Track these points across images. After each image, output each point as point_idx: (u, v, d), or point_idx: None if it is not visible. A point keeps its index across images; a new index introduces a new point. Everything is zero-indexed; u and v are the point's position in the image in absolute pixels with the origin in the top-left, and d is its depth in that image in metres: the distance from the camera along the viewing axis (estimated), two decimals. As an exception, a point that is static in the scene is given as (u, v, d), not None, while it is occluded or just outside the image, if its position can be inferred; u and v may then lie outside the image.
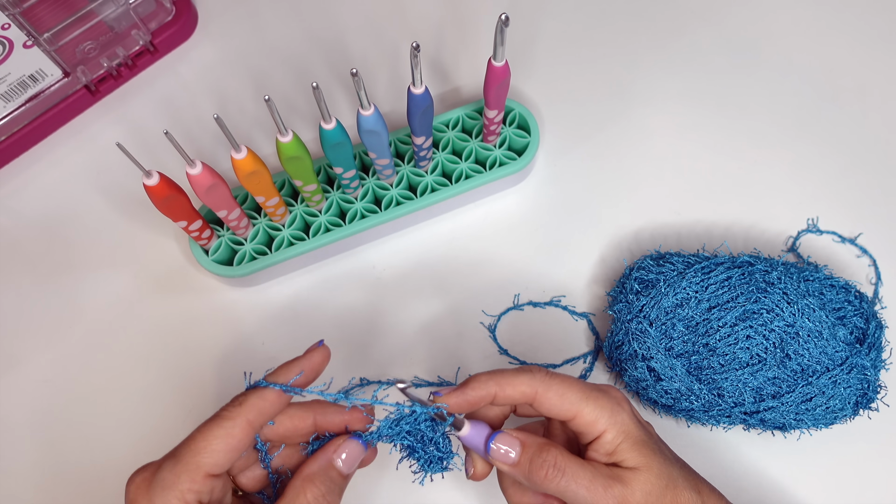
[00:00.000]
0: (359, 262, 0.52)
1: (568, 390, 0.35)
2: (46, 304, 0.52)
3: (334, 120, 0.42)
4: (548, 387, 0.35)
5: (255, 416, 0.33)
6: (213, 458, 0.32)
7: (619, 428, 0.35)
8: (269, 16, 0.62)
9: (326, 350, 0.37)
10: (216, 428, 0.32)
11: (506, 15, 0.37)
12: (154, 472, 0.32)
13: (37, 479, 0.47)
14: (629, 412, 0.36)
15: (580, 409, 0.35)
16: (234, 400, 0.34)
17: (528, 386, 0.35)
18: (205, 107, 0.58)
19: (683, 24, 0.60)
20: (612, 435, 0.35)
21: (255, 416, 0.33)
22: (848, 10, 0.60)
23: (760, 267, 0.44)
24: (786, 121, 0.56)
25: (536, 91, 0.57)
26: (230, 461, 0.33)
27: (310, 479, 0.34)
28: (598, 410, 0.35)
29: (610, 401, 0.35)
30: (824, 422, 0.43)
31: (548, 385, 0.35)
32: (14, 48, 0.51)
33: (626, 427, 0.35)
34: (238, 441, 0.33)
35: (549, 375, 0.35)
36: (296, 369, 0.36)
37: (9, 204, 0.55)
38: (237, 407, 0.33)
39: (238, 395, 0.35)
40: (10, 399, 0.49)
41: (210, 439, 0.32)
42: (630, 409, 0.36)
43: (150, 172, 0.40)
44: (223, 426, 0.32)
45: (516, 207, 0.54)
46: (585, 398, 0.35)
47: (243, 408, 0.33)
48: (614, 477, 0.34)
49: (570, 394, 0.35)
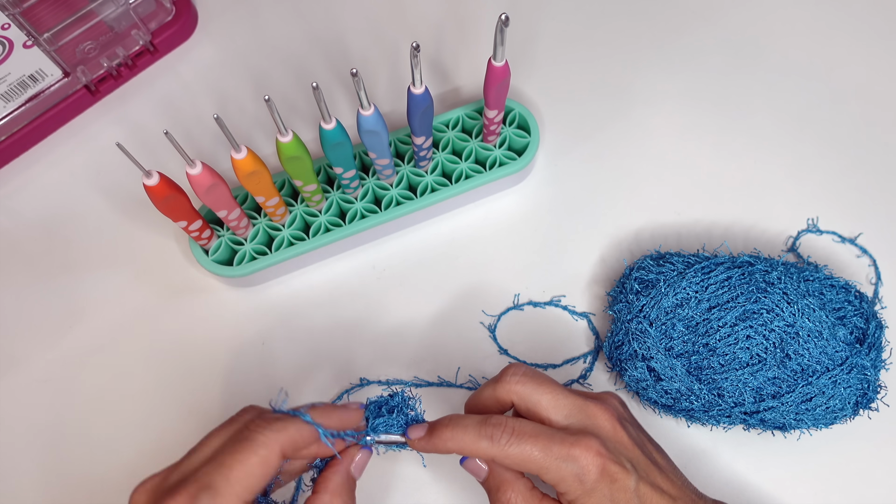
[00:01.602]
0: (359, 262, 0.52)
1: (526, 461, 0.35)
2: (46, 304, 0.52)
3: (334, 120, 0.42)
4: (505, 456, 0.35)
5: (290, 448, 0.33)
6: (250, 488, 0.31)
7: (579, 494, 0.35)
8: (269, 16, 0.62)
9: (361, 413, 0.37)
10: (253, 455, 0.32)
11: (506, 15, 0.37)
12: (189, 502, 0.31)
13: (36, 479, 0.47)
14: (595, 479, 0.34)
15: (541, 474, 0.35)
16: (271, 423, 0.33)
17: (485, 453, 0.35)
18: (205, 107, 0.58)
19: (683, 24, 0.60)
20: (571, 498, 0.35)
21: (290, 448, 0.33)
22: (848, 10, 0.60)
23: (760, 267, 0.44)
24: (786, 121, 0.56)
25: (536, 91, 0.57)
26: (262, 488, 0.32)
27: (337, 493, 0.35)
28: (558, 478, 0.35)
29: (573, 468, 0.34)
30: (824, 422, 0.43)
31: (505, 454, 0.35)
32: (14, 48, 0.51)
33: (586, 494, 0.35)
34: (273, 470, 0.32)
35: (508, 444, 0.35)
36: (335, 416, 0.36)
37: (9, 204, 0.55)
38: (276, 433, 0.32)
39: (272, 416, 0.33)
40: (10, 399, 0.49)
41: (248, 468, 0.31)
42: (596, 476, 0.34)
43: (150, 172, 0.40)
44: (259, 454, 0.32)
45: (516, 207, 0.54)
46: (546, 468, 0.34)
47: (282, 436, 0.32)
48: None
49: (527, 464, 0.35)
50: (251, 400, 0.49)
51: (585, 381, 0.48)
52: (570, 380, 0.49)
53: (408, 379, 0.49)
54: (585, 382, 0.48)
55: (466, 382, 0.49)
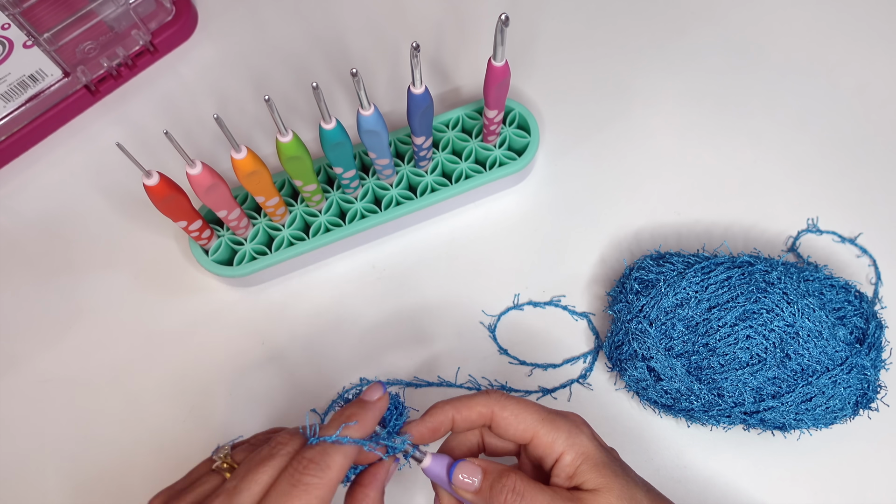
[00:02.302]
0: (359, 262, 0.52)
1: (523, 411, 0.35)
2: (46, 304, 0.52)
3: (334, 120, 0.42)
4: (503, 406, 0.35)
5: (342, 477, 0.33)
6: None
7: (577, 449, 0.35)
8: (269, 16, 0.62)
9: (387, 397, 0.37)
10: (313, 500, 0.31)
11: (506, 15, 0.37)
12: None
13: (36, 479, 0.47)
14: (588, 434, 0.36)
15: (536, 431, 0.35)
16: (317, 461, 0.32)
17: (485, 406, 0.35)
18: (205, 107, 0.58)
19: (683, 24, 0.60)
20: (570, 457, 0.35)
21: (342, 477, 0.33)
22: (848, 10, 0.60)
23: (760, 267, 0.44)
24: (786, 121, 0.56)
25: (536, 91, 0.57)
26: None
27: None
28: (554, 432, 0.35)
29: (567, 423, 0.35)
30: (824, 422, 0.43)
31: (503, 405, 0.35)
32: (14, 48, 0.51)
33: (584, 448, 0.35)
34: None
35: (505, 397, 0.36)
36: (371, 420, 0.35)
37: (9, 204, 0.55)
38: (326, 471, 0.32)
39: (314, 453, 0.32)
40: (10, 399, 0.49)
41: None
42: (590, 432, 0.36)
43: (150, 172, 0.40)
44: (317, 495, 0.31)
45: (516, 207, 0.54)
46: (542, 420, 0.35)
47: (333, 472, 0.32)
48: (574, 500, 0.34)
49: (525, 414, 0.35)
50: (251, 399, 0.49)
51: (585, 381, 0.49)
52: (570, 380, 0.49)
53: (408, 379, 0.49)
54: (585, 382, 0.48)
55: (466, 382, 0.49)
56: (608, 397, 0.48)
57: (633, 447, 0.46)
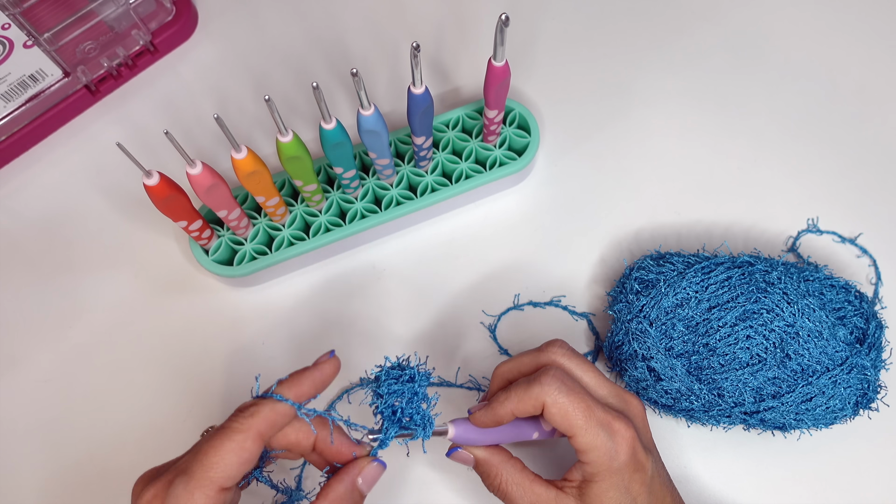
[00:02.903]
0: (359, 262, 0.52)
1: (573, 412, 0.35)
2: (46, 304, 0.52)
3: (334, 120, 0.42)
4: (554, 401, 0.35)
5: (266, 429, 0.34)
6: (225, 472, 0.32)
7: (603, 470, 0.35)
8: (269, 16, 0.62)
9: (337, 361, 0.38)
10: (227, 441, 0.32)
11: (506, 15, 0.37)
12: (165, 487, 0.32)
13: (36, 479, 0.47)
14: (624, 461, 0.35)
15: (576, 434, 0.35)
16: (243, 410, 0.34)
17: (537, 399, 0.36)
18: (205, 107, 0.58)
19: (683, 24, 0.60)
20: (592, 470, 0.35)
21: (266, 429, 0.34)
22: (848, 10, 0.60)
23: (760, 267, 0.44)
24: (786, 121, 0.56)
25: (536, 91, 0.57)
26: (242, 473, 0.33)
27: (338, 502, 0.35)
28: (591, 445, 0.35)
29: (608, 442, 0.35)
30: (824, 422, 0.43)
31: (554, 400, 0.35)
32: (14, 48, 0.51)
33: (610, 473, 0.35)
34: (250, 454, 0.33)
35: (559, 390, 0.35)
36: (307, 382, 0.36)
37: (9, 204, 0.55)
38: (248, 418, 0.33)
39: (247, 403, 0.34)
40: (10, 399, 0.49)
41: (222, 453, 0.32)
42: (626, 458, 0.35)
43: (150, 172, 0.40)
44: (234, 439, 0.33)
45: (516, 207, 0.54)
46: (586, 428, 0.35)
47: (255, 419, 0.33)
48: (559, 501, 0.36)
49: (572, 416, 0.35)
50: (251, 400, 0.49)
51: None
52: (570, 380, 0.49)
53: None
54: (585, 382, 0.48)
55: (466, 382, 0.49)
56: (608, 397, 0.48)
57: (633, 447, 0.46)
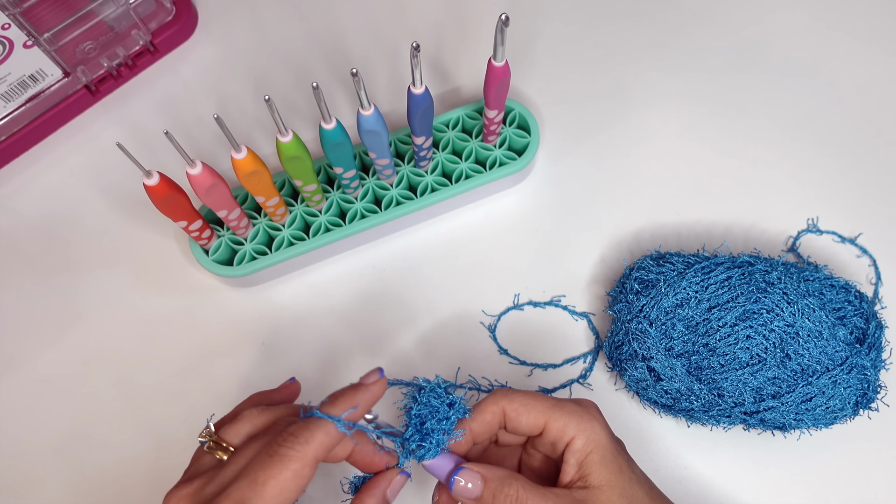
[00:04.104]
0: (359, 262, 0.52)
1: (532, 400, 0.36)
2: (46, 304, 0.52)
3: (334, 120, 0.42)
4: (510, 399, 0.35)
5: (322, 454, 0.33)
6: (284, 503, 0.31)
7: (588, 435, 0.35)
8: (269, 16, 0.62)
9: (385, 382, 0.36)
10: (286, 471, 0.31)
11: (506, 15, 0.37)
12: None
13: (36, 479, 0.47)
14: (601, 422, 0.36)
15: (548, 417, 0.35)
16: (297, 434, 0.32)
17: (494, 405, 0.35)
18: (205, 107, 0.58)
19: (683, 24, 0.60)
20: (581, 441, 0.35)
21: (322, 454, 0.33)
22: (848, 10, 0.60)
23: (760, 267, 0.44)
24: (786, 121, 0.56)
25: (536, 91, 0.57)
26: (297, 498, 0.32)
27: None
28: (566, 417, 0.35)
29: (578, 408, 0.36)
30: (824, 422, 0.43)
31: (510, 398, 0.35)
32: (14, 48, 0.51)
33: (595, 435, 0.35)
34: (307, 480, 0.32)
35: (510, 391, 0.36)
36: (357, 402, 0.35)
37: (9, 204, 0.55)
38: (304, 445, 0.32)
39: (298, 427, 0.33)
40: (11, 399, 0.49)
41: (282, 483, 0.31)
42: (601, 419, 0.36)
43: (150, 172, 0.40)
44: (291, 468, 0.31)
45: (516, 207, 0.54)
46: (552, 406, 0.35)
47: (311, 447, 0.32)
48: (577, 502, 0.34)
49: (534, 403, 0.35)
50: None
51: (585, 381, 0.49)
52: (571, 379, 0.49)
53: (408, 378, 0.49)
54: (585, 382, 0.48)
55: (466, 382, 0.49)
56: (608, 397, 0.48)
57: (633, 447, 0.46)
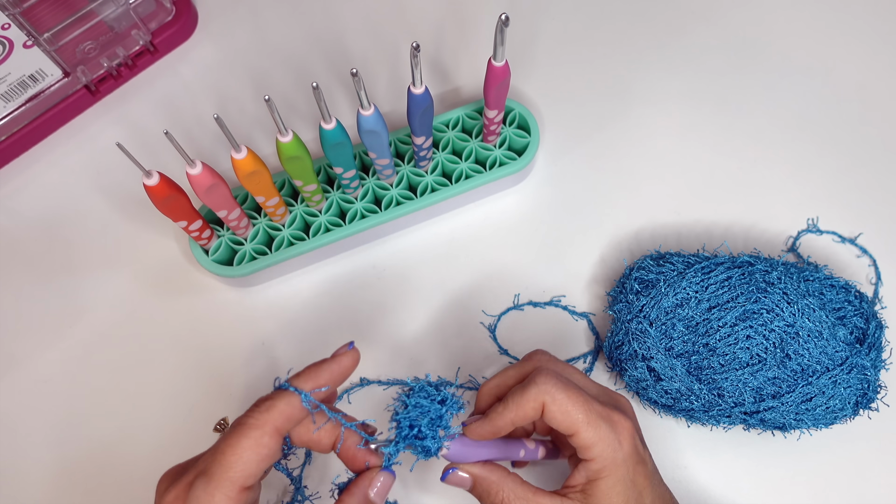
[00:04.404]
0: (359, 262, 0.52)
1: (572, 408, 0.35)
2: (46, 304, 0.52)
3: (334, 120, 0.42)
4: (553, 399, 0.35)
5: (284, 423, 0.33)
6: (245, 471, 0.31)
7: (608, 462, 0.35)
8: (269, 16, 0.62)
9: (356, 353, 0.37)
10: (244, 439, 0.32)
11: (506, 15, 0.37)
12: (186, 488, 0.32)
13: (36, 479, 0.47)
14: (627, 452, 0.35)
15: (579, 430, 0.35)
16: (259, 404, 0.33)
17: (536, 401, 0.35)
18: (205, 107, 0.58)
19: (683, 24, 0.60)
20: (598, 465, 0.35)
21: (284, 423, 0.33)
22: (848, 10, 0.60)
23: (760, 267, 0.44)
24: (786, 121, 0.56)
25: (536, 91, 0.57)
26: (262, 470, 0.32)
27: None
28: (595, 438, 0.35)
29: (611, 434, 0.35)
30: (824, 422, 0.43)
31: (553, 397, 0.35)
32: (14, 48, 0.51)
33: (615, 465, 0.35)
34: (268, 450, 0.32)
35: (556, 387, 0.35)
36: (324, 374, 0.35)
37: (9, 204, 0.55)
38: (264, 413, 0.32)
39: (263, 398, 0.34)
40: (11, 399, 0.49)
41: (240, 452, 0.31)
42: (629, 450, 0.35)
43: (150, 172, 0.40)
44: (251, 436, 0.32)
45: (516, 207, 0.54)
46: (587, 422, 0.35)
47: (271, 414, 0.32)
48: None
49: (572, 411, 0.35)
50: (250, 399, 0.49)
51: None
52: (570, 380, 0.49)
53: (408, 379, 0.49)
54: (585, 382, 0.49)
55: (466, 382, 0.49)
56: (608, 397, 0.48)
57: (633, 447, 0.46)
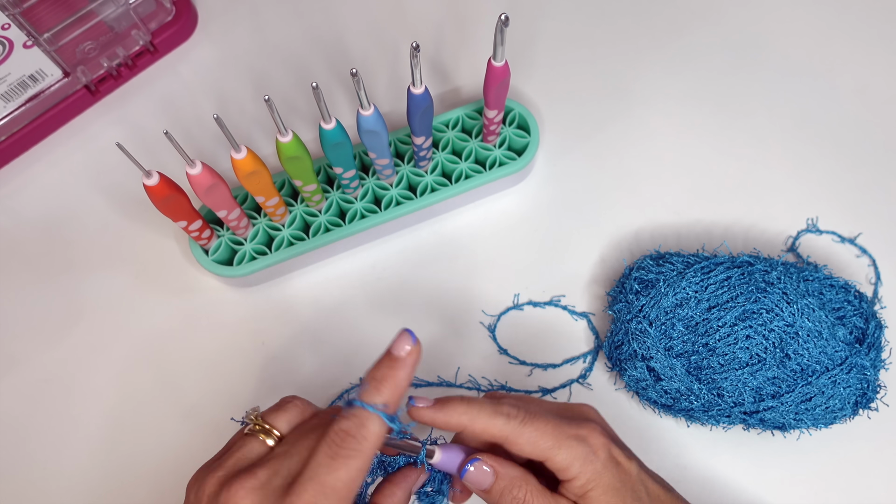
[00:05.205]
0: (359, 262, 0.52)
1: (540, 439, 0.35)
2: (46, 304, 0.52)
3: (334, 120, 0.42)
4: (519, 434, 0.35)
5: (379, 446, 0.33)
6: (354, 493, 0.31)
7: (589, 475, 0.35)
8: (269, 16, 0.62)
9: (419, 349, 0.35)
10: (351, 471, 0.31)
11: (506, 15, 0.37)
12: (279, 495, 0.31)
13: (36, 479, 0.47)
14: (604, 459, 0.35)
15: (551, 456, 0.35)
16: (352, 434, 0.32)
17: (500, 431, 0.35)
18: (205, 107, 0.58)
19: (683, 24, 0.60)
20: (582, 482, 0.35)
21: (379, 446, 0.33)
22: (848, 10, 0.60)
23: (760, 267, 0.44)
24: (786, 121, 0.56)
25: (536, 91, 0.57)
26: None
27: None
28: (570, 458, 0.35)
29: (584, 448, 0.35)
30: (824, 422, 0.43)
31: (520, 433, 0.35)
32: (14, 48, 0.51)
33: (597, 475, 0.35)
34: (366, 472, 0.32)
35: (523, 423, 0.35)
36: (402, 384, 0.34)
37: (9, 204, 0.55)
38: (363, 442, 0.32)
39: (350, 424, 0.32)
40: (11, 399, 0.49)
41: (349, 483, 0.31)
42: (606, 457, 0.35)
43: (150, 172, 0.40)
44: (354, 467, 0.31)
45: (516, 207, 0.54)
46: (558, 446, 0.35)
47: (369, 443, 0.32)
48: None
49: (541, 442, 0.35)
50: (251, 400, 0.49)
51: (585, 381, 0.49)
52: (570, 379, 0.49)
53: None
54: (585, 382, 0.48)
55: (466, 382, 0.49)
56: (608, 397, 0.48)
57: (632, 447, 0.46)
